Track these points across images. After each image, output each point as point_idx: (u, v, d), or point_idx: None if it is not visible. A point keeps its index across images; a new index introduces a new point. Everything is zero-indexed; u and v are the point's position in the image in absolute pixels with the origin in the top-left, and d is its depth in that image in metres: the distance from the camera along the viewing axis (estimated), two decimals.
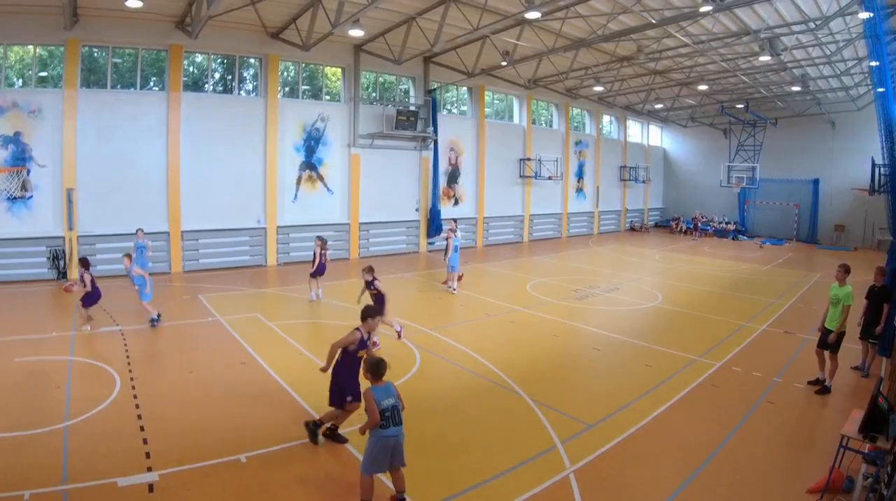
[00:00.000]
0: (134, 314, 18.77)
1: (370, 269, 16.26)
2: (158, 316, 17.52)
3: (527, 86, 40.21)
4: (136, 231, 22.86)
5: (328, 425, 10.41)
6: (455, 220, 26.31)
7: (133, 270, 17.44)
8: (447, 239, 24.54)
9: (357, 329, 10.12)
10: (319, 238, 22.29)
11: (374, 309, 10.81)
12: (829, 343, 13.23)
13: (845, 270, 13.64)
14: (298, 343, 16.26)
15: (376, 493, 8.32)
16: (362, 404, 8.49)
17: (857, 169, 42.21)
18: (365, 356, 9.43)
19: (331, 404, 10.20)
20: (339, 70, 33.12)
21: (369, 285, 16.28)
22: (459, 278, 24.76)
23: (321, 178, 32.12)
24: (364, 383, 8.64)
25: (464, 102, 40.35)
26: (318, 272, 21.99)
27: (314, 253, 22.10)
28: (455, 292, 23.72)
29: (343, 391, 10.06)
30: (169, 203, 27.17)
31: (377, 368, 8.32)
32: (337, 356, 10.14)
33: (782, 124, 47.35)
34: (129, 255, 18.14)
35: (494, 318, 19.93)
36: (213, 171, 28.28)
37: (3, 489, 8.34)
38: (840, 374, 13.54)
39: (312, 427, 10.32)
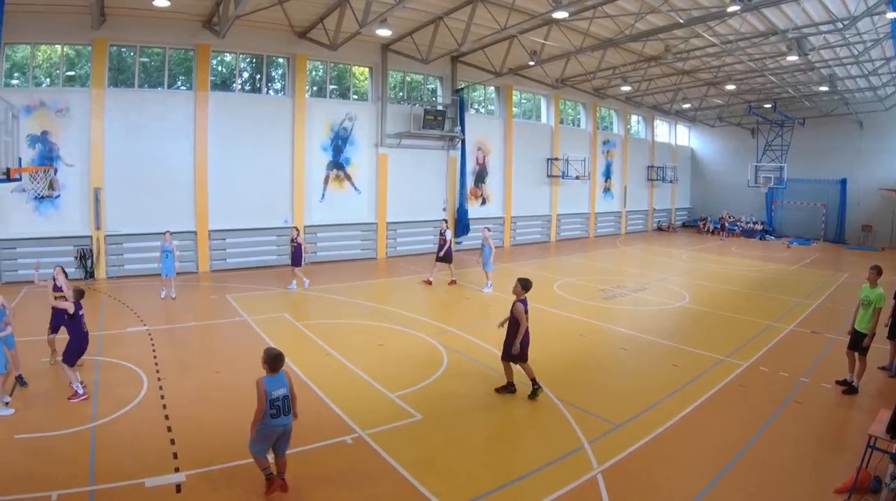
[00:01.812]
0: (161, 314, 18.92)
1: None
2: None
3: (554, 86, 40.16)
4: (164, 233, 22.38)
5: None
6: (489, 228, 26.30)
7: None
8: (487, 241, 24.61)
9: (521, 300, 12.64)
10: (295, 229, 23.73)
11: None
12: (864, 346, 13.07)
13: (877, 271, 13.46)
14: (326, 343, 16.24)
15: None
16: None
17: (885, 169, 42.30)
18: None
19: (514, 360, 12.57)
20: (367, 69, 33.20)
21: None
22: (452, 282, 25.37)
23: (349, 178, 32.17)
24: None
25: (491, 102, 40.29)
26: (296, 262, 23.55)
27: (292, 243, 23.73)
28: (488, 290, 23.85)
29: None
30: (196, 202, 27.32)
31: (275, 361, 8.67)
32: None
33: (810, 124, 46.89)
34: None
35: None
36: (241, 171, 28.41)
37: (30, 489, 8.41)
38: (867, 374, 13.40)
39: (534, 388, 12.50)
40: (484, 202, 38.95)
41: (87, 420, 10.86)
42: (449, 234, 25.81)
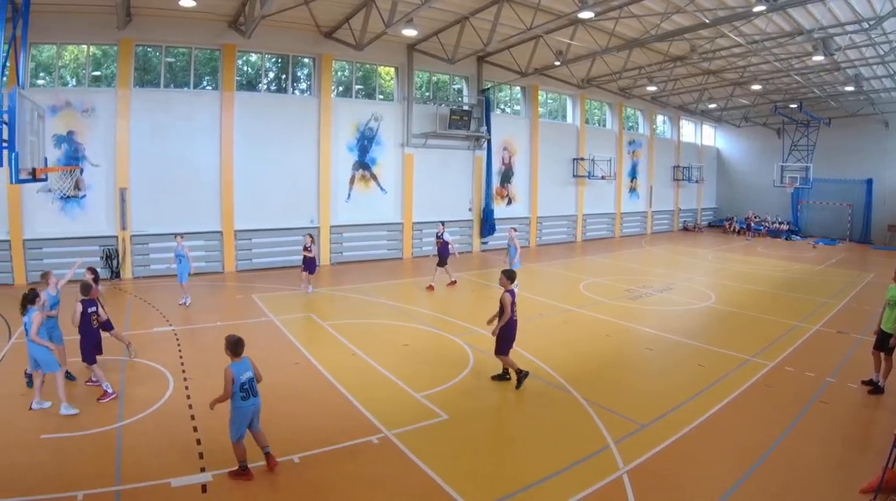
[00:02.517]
0: (187, 314, 19.07)
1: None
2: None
3: (580, 86, 40.07)
4: (175, 237, 21.17)
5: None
6: (515, 229, 26.06)
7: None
8: (513, 241, 24.37)
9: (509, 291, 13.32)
10: (309, 235, 23.16)
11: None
12: (890, 346, 12.96)
13: None
14: (351, 343, 16.27)
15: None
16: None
17: None
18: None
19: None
20: (393, 69, 33.28)
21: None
22: (453, 283, 25.20)
23: (374, 178, 32.28)
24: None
25: (517, 102, 40.27)
26: (310, 269, 23.16)
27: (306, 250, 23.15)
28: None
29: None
30: (222, 202, 27.49)
31: (236, 346, 9.29)
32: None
33: (836, 124, 46.45)
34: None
35: (547, 318, 19.92)
36: (267, 171, 28.56)
37: (57, 489, 8.47)
38: (893, 374, 13.23)
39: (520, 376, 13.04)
40: (510, 202, 38.91)
41: (114, 420, 10.95)
42: (447, 236, 25.44)
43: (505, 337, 13.20)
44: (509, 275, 13.60)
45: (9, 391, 12.23)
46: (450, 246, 25.17)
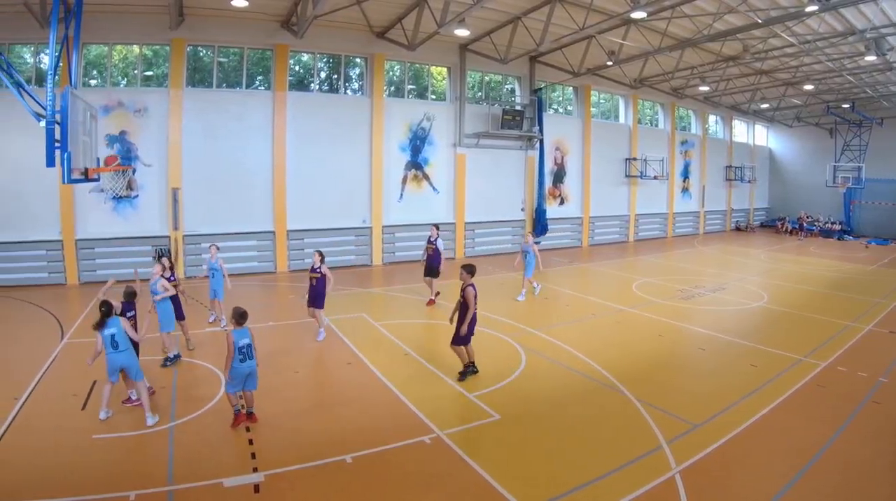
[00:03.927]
0: None
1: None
2: (175, 356, 14.58)
3: (632, 86, 39.92)
4: (210, 247, 18.83)
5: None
6: (532, 233, 24.75)
7: (159, 285, 14.23)
8: (532, 248, 22.52)
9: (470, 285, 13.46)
10: (317, 253, 17.22)
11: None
12: None
13: None
14: (404, 343, 16.28)
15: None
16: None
17: None
18: None
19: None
20: (445, 69, 33.32)
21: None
22: (436, 296, 21.91)
23: (427, 178, 32.33)
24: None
25: (569, 102, 40.13)
26: (316, 302, 16.84)
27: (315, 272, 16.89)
28: (524, 298, 22.53)
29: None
30: (274, 202, 27.68)
31: (241, 317, 10.73)
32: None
33: (888, 124, 45.93)
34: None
35: (600, 318, 19.81)
36: (319, 171, 28.67)
37: (109, 489, 8.51)
38: None
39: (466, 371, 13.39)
40: (562, 202, 38.81)
41: (166, 419, 11.00)
42: (441, 243, 21.86)
43: (470, 330, 13.37)
44: (469, 270, 13.77)
45: (62, 392, 12.32)
46: (441, 255, 21.70)
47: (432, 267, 21.57)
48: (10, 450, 9.73)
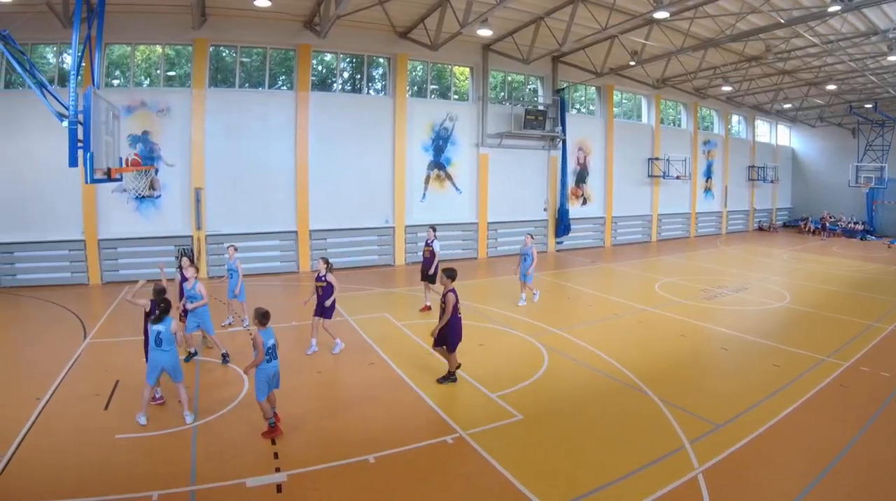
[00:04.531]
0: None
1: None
2: (194, 352, 14.87)
3: (655, 86, 39.91)
4: (228, 247, 18.80)
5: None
6: (532, 236, 23.85)
7: (198, 287, 15.05)
8: (531, 249, 21.59)
9: (451, 290, 13.16)
10: (322, 260, 15.75)
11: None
12: None
13: None
14: (426, 343, 16.03)
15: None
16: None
17: None
18: None
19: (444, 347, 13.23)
20: (468, 69, 33.33)
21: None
22: (427, 308, 20.63)
23: (449, 178, 32.38)
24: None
25: (592, 102, 40.07)
26: (324, 311, 15.63)
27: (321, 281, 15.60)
28: (523, 303, 21.68)
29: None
30: (297, 202, 27.77)
31: (264, 317, 10.46)
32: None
33: None
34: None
35: (623, 318, 19.77)
36: (341, 171, 28.75)
37: (132, 489, 8.54)
38: None
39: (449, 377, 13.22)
40: (585, 202, 38.78)
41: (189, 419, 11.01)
42: (437, 246, 20.82)
43: (455, 335, 13.32)
44: (450, 274, 13.46)
45: (84, 391, 12.38)
46: (437, 258, 20.57)
47: (426, 271, 20.61)
48: (32, 450, 9.76)
